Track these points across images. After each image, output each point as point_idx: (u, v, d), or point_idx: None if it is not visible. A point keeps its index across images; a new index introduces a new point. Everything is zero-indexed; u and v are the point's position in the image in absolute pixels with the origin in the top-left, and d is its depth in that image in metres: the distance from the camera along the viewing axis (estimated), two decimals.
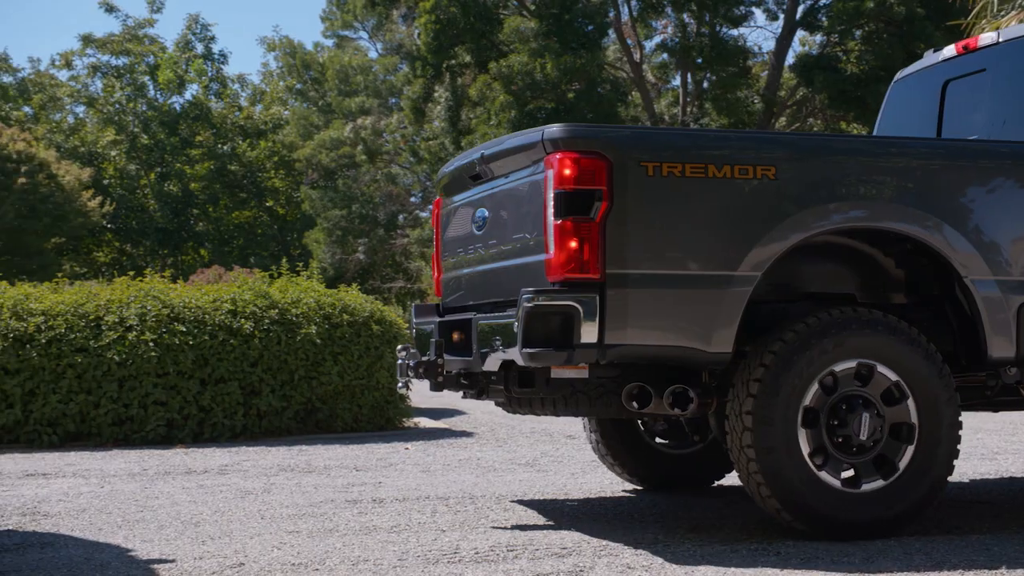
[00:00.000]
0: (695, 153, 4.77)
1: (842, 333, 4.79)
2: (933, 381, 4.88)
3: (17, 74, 48.61)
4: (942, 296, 5.23)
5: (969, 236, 5.00)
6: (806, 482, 4.72)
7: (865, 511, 4.82)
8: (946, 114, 6.22)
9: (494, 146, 5.37)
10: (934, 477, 4.89)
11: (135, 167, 45.18)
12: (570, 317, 4.56)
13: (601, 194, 4.60)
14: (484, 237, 5.47)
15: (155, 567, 4.45)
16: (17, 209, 31.26)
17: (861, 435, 4.76)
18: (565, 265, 4.59)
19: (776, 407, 4.70)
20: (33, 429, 9.15)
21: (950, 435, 4.91)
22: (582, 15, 28.46)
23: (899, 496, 4.83)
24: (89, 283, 11.17)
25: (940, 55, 6.35)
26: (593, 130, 4.97)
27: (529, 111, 28.05)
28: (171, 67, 46.03)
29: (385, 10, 33.96)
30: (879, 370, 4.84)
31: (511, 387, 5.08)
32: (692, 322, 4.68)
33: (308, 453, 8.56)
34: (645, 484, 6.49)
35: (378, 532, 5.18)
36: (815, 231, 4.83)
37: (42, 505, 6.10)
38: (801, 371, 4.73)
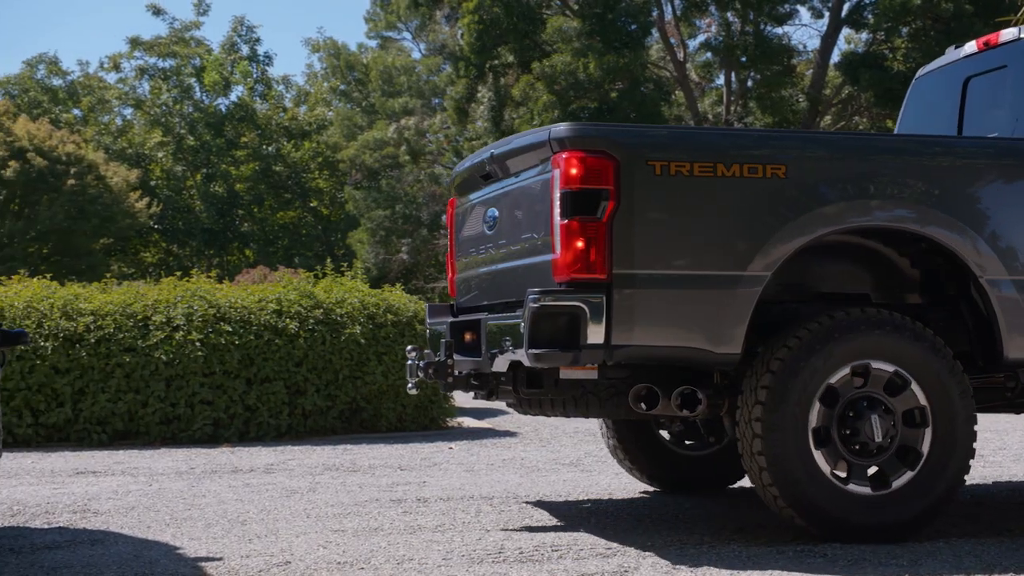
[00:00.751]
0: (703, 152, 4.73)
1: (850, 335, 4.72)
2: (945, 377, 4.80)
3: (67, 77, 49.24)
4: (958, 296, 5.14)
5: (985, 235, 4.92)
6: (818, 486, 4.66)
7: (891, 511, 4.75)
8: (967, 111, 6.13)
9: (503, 145, 5.34)
10: (954, 471, 4.81)
11: (181, 168, 45.59)
12: (576, 318, 4.53)
13: (608, 193, 4.57)
14: (495, 237, 5.45)
15: (203, 565, 4.49)
16: (67, 210, 31.65)
17: (876, 436, 4.70)
18: (571, 265, 4.56)
19: (785, 413, 4.64)
20: (83, 428, 9.26)
21: (966, 430, 4.82)
22: (625, 14, 28.37)
23: (926, 488, 4.76)
24: (137, 283, 11.30)
25: (961, 51, 6.27)
26: (600, 129, 4.91)
27: (572, 111, 28.00)
28: (217, 69, 46.40)
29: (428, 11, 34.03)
30: (890, 369, 4.77)
31: (519, 388, 5.05)
32: (700, 323, 4.64)
33: (353, 452, 8.60)
34: (662, 486, 6.43)
35: (423, 531, 5.20)
36: (826, 231, 4.77)
37: (92, 503, 6.18)
38: (807, 379, 4.66)
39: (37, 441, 9.16)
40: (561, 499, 6.23)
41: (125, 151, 44.86)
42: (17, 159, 31.34)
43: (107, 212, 33.00)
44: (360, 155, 39.53)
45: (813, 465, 4.68)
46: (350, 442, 9.39)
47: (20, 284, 10.22)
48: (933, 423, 4.79)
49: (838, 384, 4.74)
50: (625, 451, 6.35)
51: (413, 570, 4.36)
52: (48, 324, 9.34)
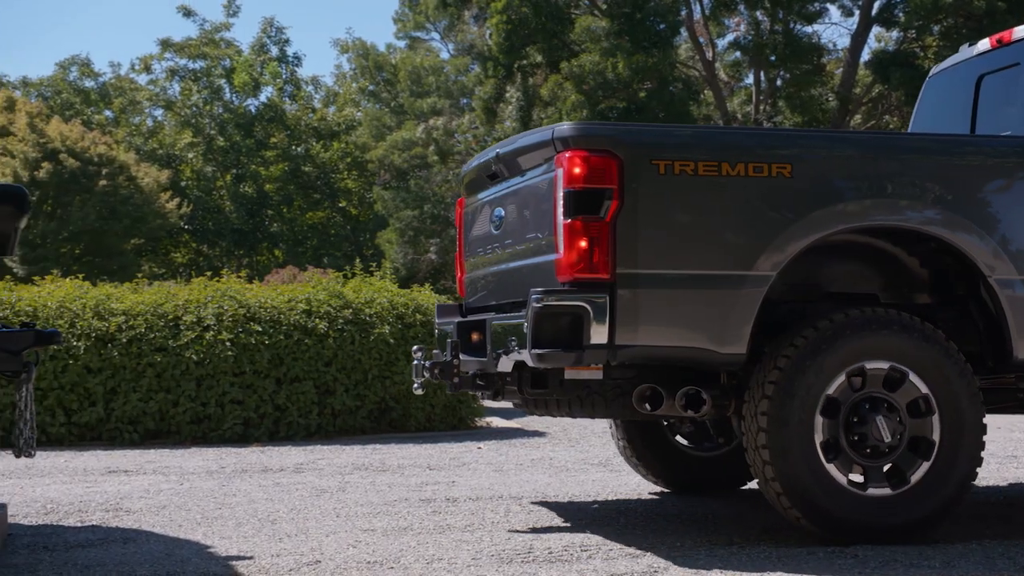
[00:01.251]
0: (708, 151, 4.70)
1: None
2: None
3: (98, 79, 49.63)
4: (967, 296, 5.09)
5: (994, 235, 4.87)
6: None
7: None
8: (980, 109, 6.08)
9: (508, 145, 5.32)
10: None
11: (211, 169, 45.85)
12: (579, 318, 4.50)
13: (611, 193, 4.54)
14: (501, 237, 5.43)
15: (234, 563, 4.52)
16: (98, 211, 31.89)
17: (884, 436, 4.67)
18: (575, 265, 4.54)
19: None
20: (115, 427, 9.33)
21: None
22: (654, 14, 28.31)
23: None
24: (167, 283, 11.37)
25: (974, 49, 6.21)
26: (603, 128, 4.87)
27: (601, 111, 27.97)
28: (246, 70, 46.65)
29: (457, 11, 34.06)
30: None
31: (524, 388, 5.03)
32: (704, 323, 4.61)
33: (382, 452, 8.62)
34: (672, 487, 6.41)
35: (452, 531, 5.21)
36: (832, 231, 4.73)
37: (124, 501, 6.22)
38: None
39: (70, 440, 9.24)
40: (590, 499, 6.23)
41: (156, 152, 45.17)
42: (50, 160, 31.60)
43: (138, 212, 33.22)
44: (389, 155, 39.64)
45: (819, 467, 4.64)
46: (379, 442, 9.42)
47: (53, 284, 10.31)
48: (941, 428, 4.75)
49: (841, 390, 4.70)
50: (635, 452, 6.32)
51: (442, 569, 4.37)
52: (80, 324, 9.41)
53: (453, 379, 5.38)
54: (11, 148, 31.99)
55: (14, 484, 6.95)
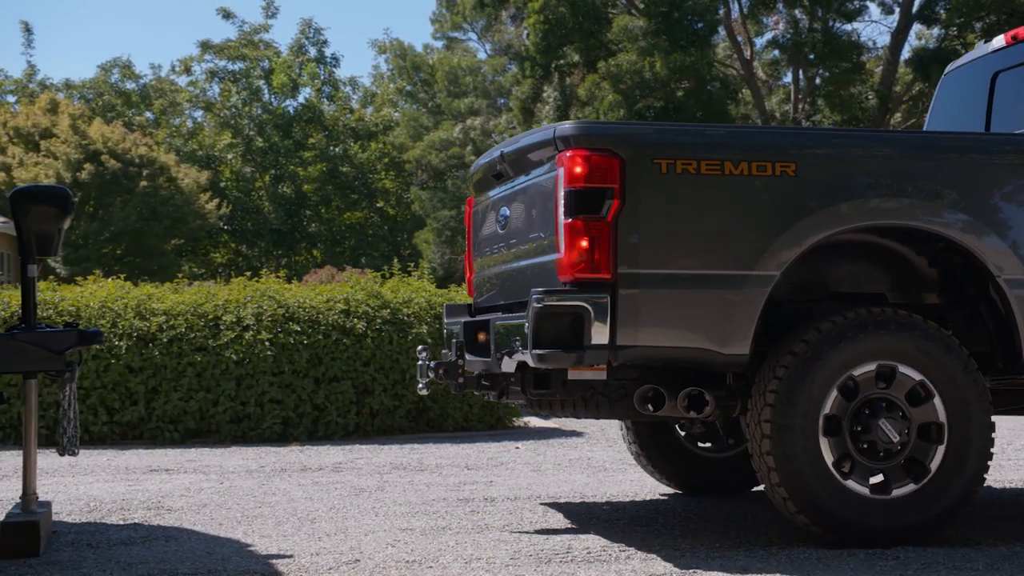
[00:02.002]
0: (710, 150, 4.66)
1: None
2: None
3: (139, 80, 50.12)
4: (977, 296, 5.02)
5: (1003, 234, 4.80)
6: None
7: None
8: (995, 107, 5.99)
9: (512, 144, 5.29)
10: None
11: (250, 169, 46.18)
12: (580, 318, 4.46)
13: (613, 192, 4.50)
14: (506, 236, 5.40)
15: (274, 562, 4.55)
16: (139, 211, 32.22)
17: (892, 437, 4.64)
18: (575, 265, 4.50)
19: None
20: (156, 426, 9.42)
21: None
22: (692, 12, 28.21)
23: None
24: (207, 283, 11.46)
25: (990, 46, 6.13)
26: (605, 127, 4.86)
27: (638, 110, 27.92)
28: (285, 71, 46.95)
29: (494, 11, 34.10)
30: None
31: (527, 389, 4.98)
32: (707, 323, 4.56)
33: (420, 452, 8.65)
34: (682, 488, 6.36)
35: (490, 531, 5.22)
36: (836, 230, 4.67)
37: (165, 500, 6.28)
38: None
39: (112, 439, 9.33)
40: (628, 499, 6.22)
41: (195, 153, 45.55)
42: (92, 161, 31.96)
43: (178, 213, 33.54)
44: (426, 155, 39.76)
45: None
46: (417, 441, 9.45)
47: (95, 284, 10.42)
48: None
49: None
50: (645, 453, 6.29)
51: (481, 569, 4.38)
52: (122, 324, 9.51)
53: (458, 379, 5.38)
54: (54, 150, 32.39)
55: (58, 482, 7.03)
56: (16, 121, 34.78)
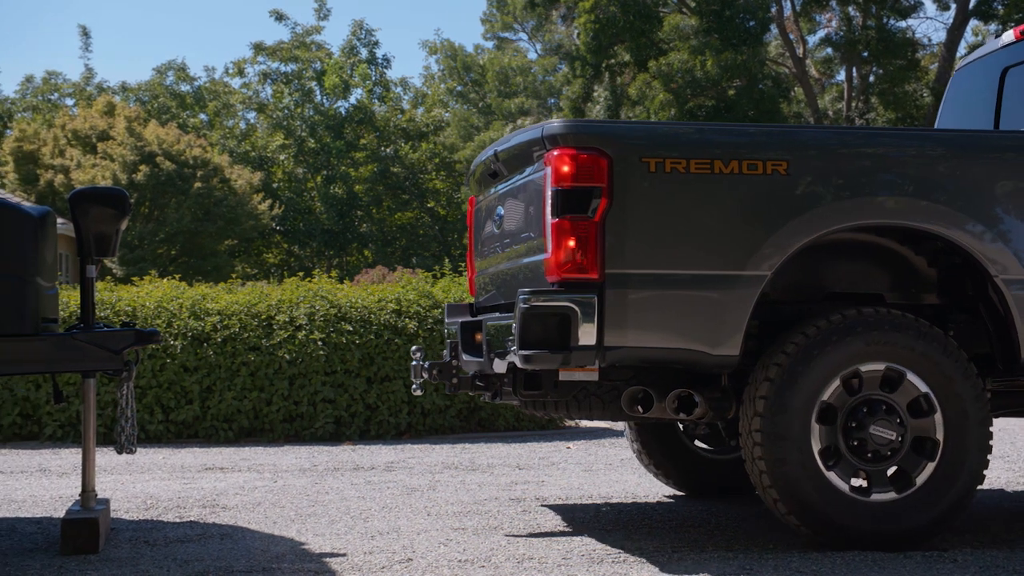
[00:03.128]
0: (700, 148, 4.60)
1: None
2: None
3: (194, 83, 50.67)
4: (976, 297, 4.93)
5: (1001, 233, 4.71)
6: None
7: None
8: (1004, 103, 5.88)
9: (505, 143, 5.25)
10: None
11: (302, 170, 46.51)
12: (567, 318, 4.40)
13: (600, 191, 4.45)
14: (501, 236, 5.37)
15: (327, 560, 4.58)
16: (193, 212, 32.56)
17: (890, 436, 4.59)
18: (562, 265, 4.45)
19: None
20: (210, 425, 9.51)
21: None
22: (743, 11, 28.05)
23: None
24: (261, 284, 11.55)
25: (999, 41, 6.00)
26: (593, 126, 4.76)
27: (689, 109, 27.81)
28: (337, 72, 47.24)
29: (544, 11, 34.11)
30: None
31: (518, 389, 4.92)
32: (696, 324, 4.50)
33: (471, 451, 8.67)
34: (687, 490, 6.30)
35: (542, 530, 5.22)
36: (829, 229, 4.60)
37: (220, 498, 6.35)
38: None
39: (167, 437, 9.44)
40: (679, 499, 6.19)
41: (248, 154, 45.96)
42: (147, 163, 32.35)
43: (231, 214, 33.85)
44: (476, 156, 39.85)
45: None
46: (468, 441, 9.47)
47: (151, 284, 10.54)
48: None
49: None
50: (649, 455, 6.23)
51: (533, 569, 4.38)
52: (177, 324, 9.61)
53: (452, 380, 5.35)
54: (111, 152, 32.81)
55: (116, 480, 7.12)
56: (74, 124, 35.29)
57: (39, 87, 50.57)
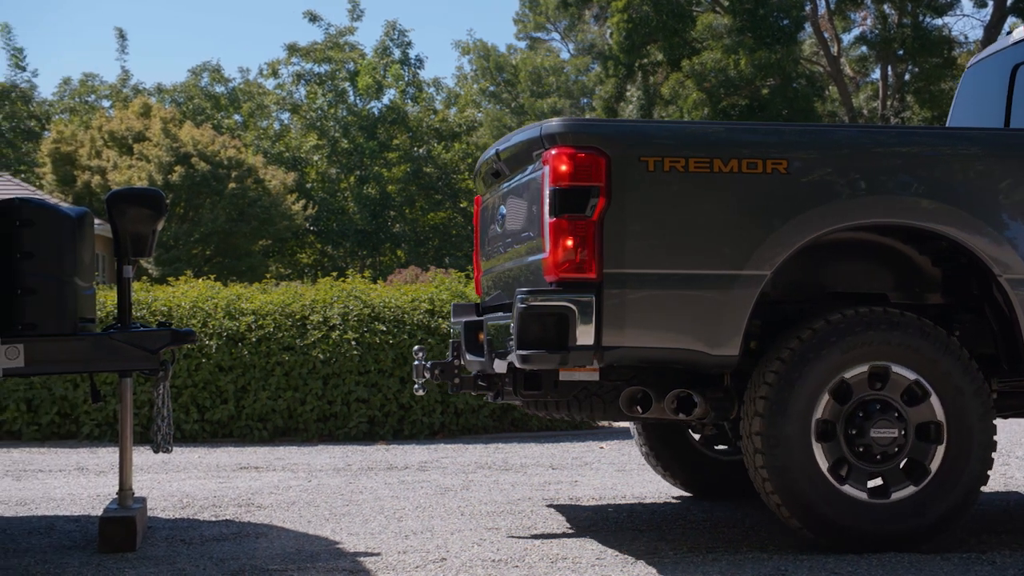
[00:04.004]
0: (699, 147, 4.56)
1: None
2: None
3: (228, 84, 50.97)
4: (981, 297, 4.86)
5: (1005, 232, 4.64)
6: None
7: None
8: (1015, 101, 5.81)
9: (506, 142, 5.22)
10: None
11: (336, 171, 46.69)
12: (565, 318, 4.37)
13: (598, 191, 4.41)
14: (503, 236, 5.36)
15: (362, 560, 4.60)
16: (228, 213, 32.76)
17: (890, 433, 4.56)
18: (560, 264, 4.42)
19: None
20: (245, 424, 9.57)
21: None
22: (777, 9, 27.92)
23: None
24: (294, 284, 11.60)
25: (1010, 39, 5.93)
26: (591, 125, 4.71)
27: (722, 108, 27.70)
28: (370, 73, 47.39)
29: (577, 11, 34.09)
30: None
31: (518, 389, 4.89)
32: (695, 324, 4.47)
33: (504, 451, 8.67)
34: (693, 491, 6.26)
35: (575, 530, 5.22)
36: (830, 228, 4.55)
37: (255, 497, 6.38)
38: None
39: (203, 436, 9.50)
40: (712, 500, 6.16)
41: (282, 155, 46.19)
42: (182, 164, 32.58)
43: (265, 214, 34.02)
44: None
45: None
46: (501, 441, 9.48)
47: (187, 285, 10.61)
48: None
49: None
50: (656, 455, 6.20)
51: (567, 569, 4.38)
52: (212, 323, 9.68)
53: (453, 380, 5.34)
54: (147, 153, 33.07)
55: (152, 478, 7.18)
56: (111, 125, 35.59)
57: (76, 89, 51.05)
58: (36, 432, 9.37)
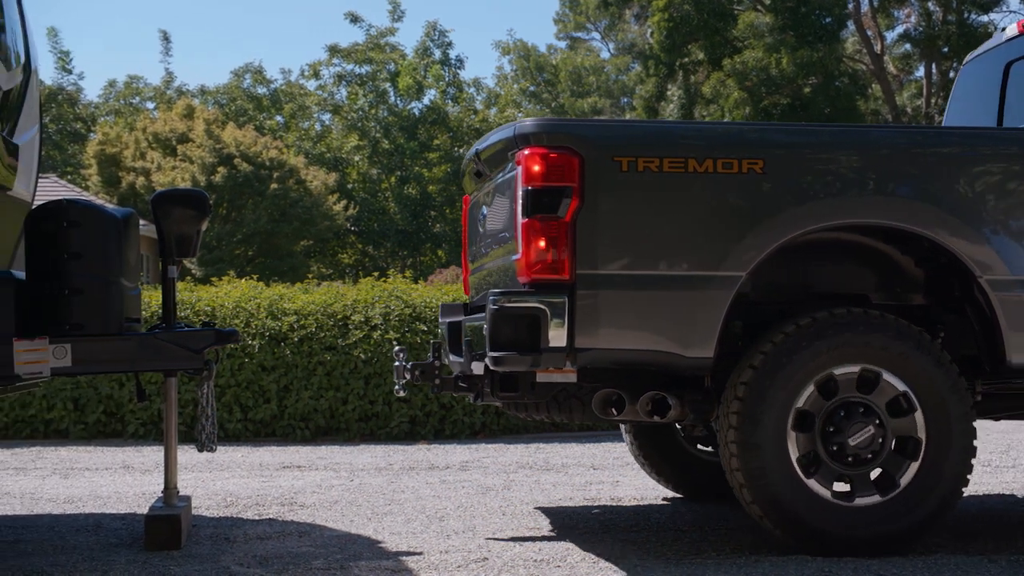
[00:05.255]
0: (674, 147, 4.52)
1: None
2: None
3: (270, 85, 51.30)
4: (963, 298, 4.79)
5: (985, 233, 4.58)
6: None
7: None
8: (1008, 98, 5.72)
9: (484, 142, 5.20)
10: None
11: (377, 171, 46.87)
12: (536, 320, 4.33)
13: (571, 191, 4.37)
14: (485, 236, 5.34)
15: (404, 559, 4.62)
16: (270, 213, 32.96)
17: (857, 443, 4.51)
18: (532, 266, 4.38)
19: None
20: (287, 423, 9.63)
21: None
22: (819, 7, 27.73)
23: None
24: (336, 284, 11.66)
25: (1004, 35, 5.84)
26: (564, 124, 4.67)
27: (764, 107, 27.55)
28: (411, 74, 47.53)
29: (618, 10, 34.02)
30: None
31: (495, 391, 4.84)
32: (668, 325, 4.43)
33: (545, 451, 8.67)
34: (683, 492, 6.22)
35: (617, 531, 5.21)
36: (806, 229, 4.50)
37: (298, 496, 6.42)
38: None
39: (246, 436, 9.57)
40: None
41: (324, 155, 46.43)
42: (225, 165, 32.83)
43: (307, 215, 34.20)
44: None
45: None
46: (542, 441, 9.48)
47: (230, 285, 10.70)
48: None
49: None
50: (645, 456, 6.17)
51: (609, 569, 4.38)
52: (255, 323, 9.74)
53: (434, 381, 5.34)
54: (190, 154, 33.36)
55: (196, 477, 7.24)
56: (155, 127, 35.93)
57: (121, 91, 51.59)
58: (83, 431, 9.48)
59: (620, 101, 40.84)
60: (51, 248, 4.72)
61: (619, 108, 40.11)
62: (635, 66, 37.38)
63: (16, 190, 4.76)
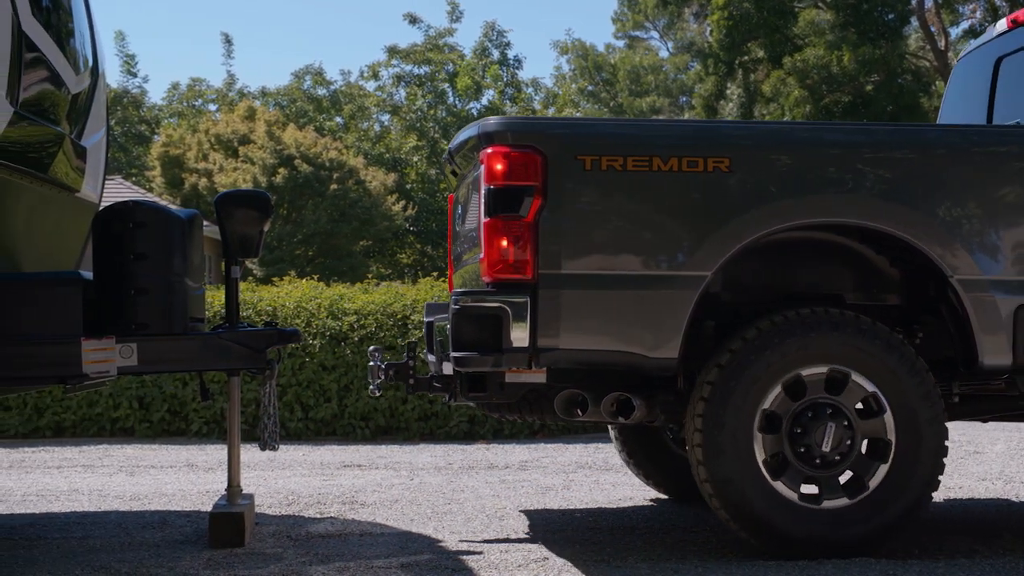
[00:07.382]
0: (638, 146, 4.45)
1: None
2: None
3: (330, 87, 51.70)
4: (937, 298, 4.70)
5: (956, 233, 4.48)
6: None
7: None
8: (997, 94, 5.60)
9: (455, 141, 5.17)
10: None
11: (435, 171, 47.05)
12: (498, 320, 4.29)
13: (534, 190, 4.33)
14: (460, 235, 5.31)
15: (464, 558, 4.64)
16: (329, 214, 33.20)
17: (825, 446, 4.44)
18: (494, 265, 4.34)
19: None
20: (347, 423, 9.70)
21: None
22: (881, 4, 27.40)
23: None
24: (395, 284, 11.71)
25: (994, 30, 5.72)
26: (527, 123, 4.63)
27: (824, 105, 27.29)
28: (469, 74, 47.68)
29: (676, 9, 33.86)
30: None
31: (464, 391, 4.79)
32: (632, 325, 4.36)
33: (604, 451, 8.66)
34: (670, 494, 6.15)
35: (677, 531, 5.19)
36: (772, 228, 4.42)
37: (359, 495, 6.47)
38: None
39: (307, 435, 9.66)
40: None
41: (383, 156, 46.67)
42: (286, 166, 33.12)
43: (366, 215, 34.40)
44: None
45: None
46: (602, 441, 9.45)
47: (291, 285, 10.80)
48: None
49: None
50: (632, 457, 6.12)
51: (670, 569, 4.36)
52: (316, 323, 9.82)
53: (408, 381, 5.33)
54: (251, 155, 33.70)
55: (259, 476, 7.32)
56: (217, 128, 36.34)
57: (184, 94, 52.26)
58: (147, 429, 9.62)
59: (679, 100, 40.65)
60: (118, 249, 4.79)
61: (678, 107, 39.93)
62: (694, 65, 37.17)
63: (84, 192, 4.85)
